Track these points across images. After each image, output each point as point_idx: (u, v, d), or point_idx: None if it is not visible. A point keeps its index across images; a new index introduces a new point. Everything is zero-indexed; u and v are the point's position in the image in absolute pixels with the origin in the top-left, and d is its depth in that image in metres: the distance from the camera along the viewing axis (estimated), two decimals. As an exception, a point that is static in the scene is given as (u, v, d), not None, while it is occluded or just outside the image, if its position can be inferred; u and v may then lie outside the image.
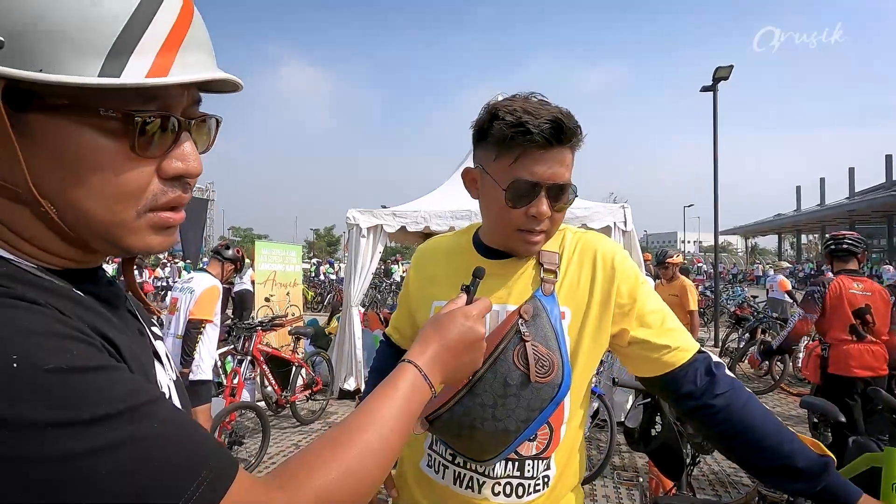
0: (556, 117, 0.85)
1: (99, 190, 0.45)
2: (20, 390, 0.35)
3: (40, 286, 0.44)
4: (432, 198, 6.24)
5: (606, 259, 0.97)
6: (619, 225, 5.26)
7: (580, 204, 5.54)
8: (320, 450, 0.52)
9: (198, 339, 3.32)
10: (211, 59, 0.50)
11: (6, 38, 0.38)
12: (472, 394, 0.89)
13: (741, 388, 0.92)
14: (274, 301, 6.10)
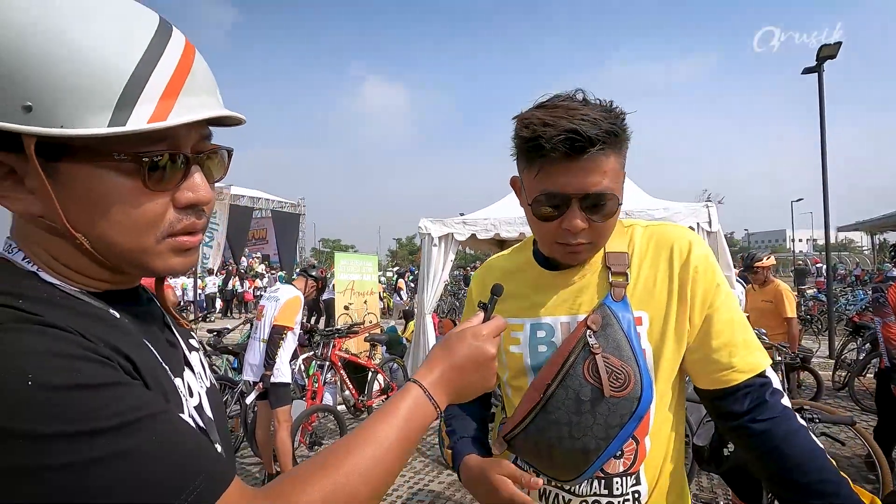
0: (572, 127, 0.78)
1: (121, 222, 0.51)
2: (30, 405, 0.40)
3: (73, 309, 0.50)
4: (502, 204, 6.22)
5: (683, 252, 0.90)
6: (704, 225, 4.90)
7: (658, 205, 5.24)
8: (312, 468, 0.54)
9: (279, 345, 3.60)
10: (212, 98, 0.55)
11: (33, 103, 0.45)
12: (546, 412, 0.87)
13: (789, 419, 0.83)
14: (352, 309, 6.42)
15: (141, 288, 0.65)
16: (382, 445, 0.58)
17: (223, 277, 18.41)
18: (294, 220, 27.80)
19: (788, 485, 0.79)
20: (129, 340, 0.52)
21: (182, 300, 15.58)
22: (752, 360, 0.86)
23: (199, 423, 0.59)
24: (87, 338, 0.46)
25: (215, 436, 0.63)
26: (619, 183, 0.86)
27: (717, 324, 0.88)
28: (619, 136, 0.82)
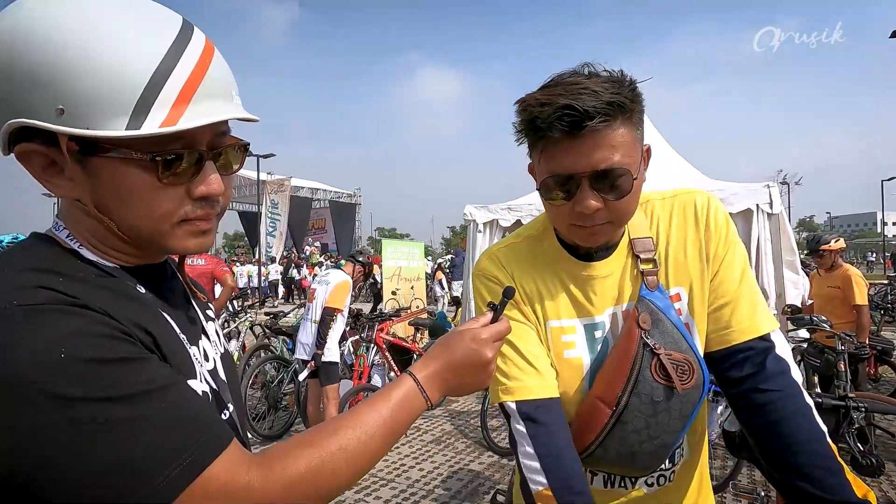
0: (567, 103, 0.72)
1: (138, 210, 0.57)
2: (66, 373, 0.47)
3: (105, 288, 0.57)
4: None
5: (702, 213, 0.89)
6: (764, 207, 4.62)
7: (713, 186, 4.98)
8: (300, 443, 0.59)
9: (330, 325, 3.81)
10: (226, 100, 0.59)
11: (65, 106, 0.51)
12: (622, 423, 0.84)
13: (793, 396, 0.79)
14: (399, 294, 6.60)
15: (167, 263, 0.72)
16: (368, 431, 0.61)
17: (285, 265, 19.34)
18: (351, 210, 28.62)
19: (780, 464, 0.77)
20: (150, 316, 0.60)
21: (248, 286, 16.57)
22: (755, 322, 0.84)
23: (213, 385, 0.66)
24: (114, 317, 0.53)
25: (227, 396, 0.70)
26: (633, 156, 0.78)
27: (724, 281, 0.86)
28: (625, 107, 0.75)
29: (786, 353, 0.83)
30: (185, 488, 0.49)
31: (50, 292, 0.50)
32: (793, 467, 0.75)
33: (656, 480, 0.95)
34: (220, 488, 0.52)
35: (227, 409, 0.69)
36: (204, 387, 0.63)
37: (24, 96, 0.51)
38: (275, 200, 21.27)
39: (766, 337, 0.83)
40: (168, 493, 0.49)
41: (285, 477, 0.55)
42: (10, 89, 0.51)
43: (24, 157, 0.55)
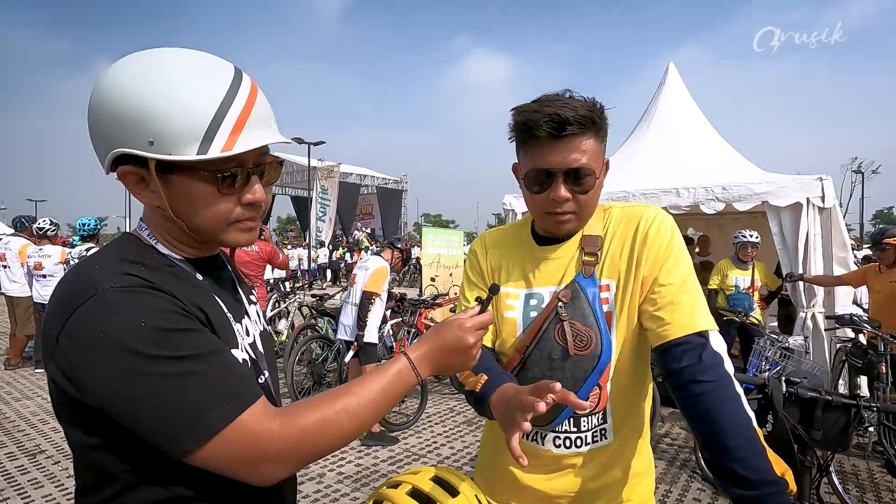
0: (553, 111, 0.94)
1: (203, 214, 0.75)
2: (144, 337, 0.64)
3: (174, 275, 0.75)
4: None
5: (642, 228, 1.03)
6: (815, 201, 4.43)
7: (760, 178, 4.82)
8: (314, 401, 0.74)
9: (369, 308, 4.04)
10: (267, 128, 0.76)
11: (154, 139, 0.68)
12: (524, 369, 1.06)
13: (725, 386, 0.88)
14: (438, 281, 6.80)
15: (219, 256, 0.91)
16: (367, 396, 0.76)
17: (339, 248, 20.01)
18: (397, 196, 29.03)
19: (714, 447, 0.85)
20: (205, 297, 0.77)
21: (298, 269, 17.35)
22: (693, 320, 0.95)
23: (251, 355, 0.83)
24: (178, 297, 0.70)
25: (263, 364, 0.87)
26: (597, 164, 1.00)
27: (664, 285, 0.99)
28: (596, 123, 0.97)
29: (721, 348, 0.94)
30: (225, 427, 0.66)
31: (134, 278, 0.68)
32: (724, 449, 0.83)
33: (563, 442, 1.08)
34: (249, 431, 0.67)
35: (263, 375, 0.86)
36: (244, 355, 0.81)
37: (125, 133, 0.69)
38: (325, 186, 21.93)
39: (704, 334, 0.94)
40: (212, 429, 0.65)
41: (299, 426, 0.70)
42: (116, 127, 0.69)
43: (123, 176, 0.74)
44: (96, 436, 0.69)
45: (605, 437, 1.09)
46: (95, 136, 0.72)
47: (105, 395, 0.64)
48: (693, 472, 3.56)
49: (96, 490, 0.73)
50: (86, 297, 0.65)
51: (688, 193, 4.92)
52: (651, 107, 6.46)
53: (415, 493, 1.02)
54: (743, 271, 4.82)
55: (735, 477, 0.82)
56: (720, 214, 6.48)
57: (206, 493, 0.73)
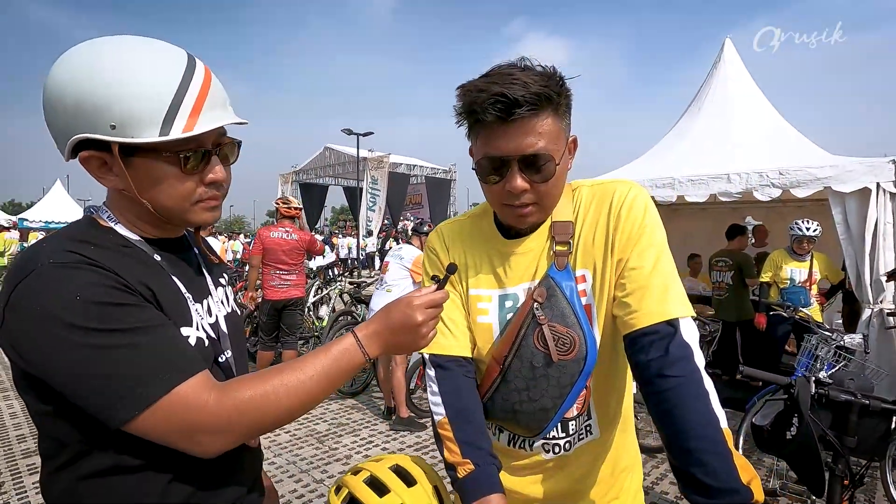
0: (500, 91, 0.80)
1: (168, 194, 0.77)
2: (79, 310, 0.66)
3: (125, 255, 0.76)
4: (633, 167, 5.83)
5: (615, 207, 0.92)
6: (887, 185, 3.99)
7: (823, 161, 4.39)
8: (255, 376, 0.75)
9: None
10: (224, 109, 0.79)
11: (115, 123, 0.70)
12: (505, 381, 0.96)
13: (693, 382, 0.79)
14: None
15: (185, 238, 0.92)
16: (307, 373, 0.76)
17: (382, 238, 20.41)
18: (446, 186, 29.07)
19: (676, 449, 0.78)
20: (156, 276, 0.79)
21: (348, 257, 17.84)
22: (662, 307, 0.85)
23: (211, 334, 0.85)
24: (120, 275, 0.71)
25: (226, 344, 0.89)
26: (558, 145, 0.86)
27: (634, 268, 0.88)
28: (552, 99, 0.83)
29: (692, 339, 0.84)
30: (160, 397, 0.68)
31: (74, 255, 0.70)
32: (686, 452, 0.75)
33: (552, 448, 1.02)
34: (185, 402, 0.69)
35: (224, 354, 0.88)
36: (200, 333, 0.82)
37: (86, 118, 0.70)
38: (374, 177, 22.33)
39: (673, 322, 0.84)
40: (146, 399, 0.67)
41: (235, 399, 0.71)
42: (76, 114, 0.71)
43: (85, 161, 0.75)
44: (48, 404, 0.72)
45: (591, 433, 1.02)
46: (54, 123, 0.74)
47: (45, 366, 0.67)
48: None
49: (54, 456, 0.76)
50: (27, 272, 0.68)
51: (739, 179, 4.57)
52: (704, 87, 6.05)
53: (371, 481, 1.02)
54: (800, 263, 4.45)
55: (695, 482, 0.74)
56: (781, 202, 6.03)
57: (155, 461, 0.75)
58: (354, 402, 4.79)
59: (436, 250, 1.09)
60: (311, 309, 6.14)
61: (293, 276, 4.67)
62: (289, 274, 4.64)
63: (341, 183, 28.96)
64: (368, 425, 4.21)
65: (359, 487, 1.00)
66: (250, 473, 0.94)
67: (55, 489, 0.76)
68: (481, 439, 0.93)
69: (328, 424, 4.22)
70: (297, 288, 4.70)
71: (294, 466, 3.47)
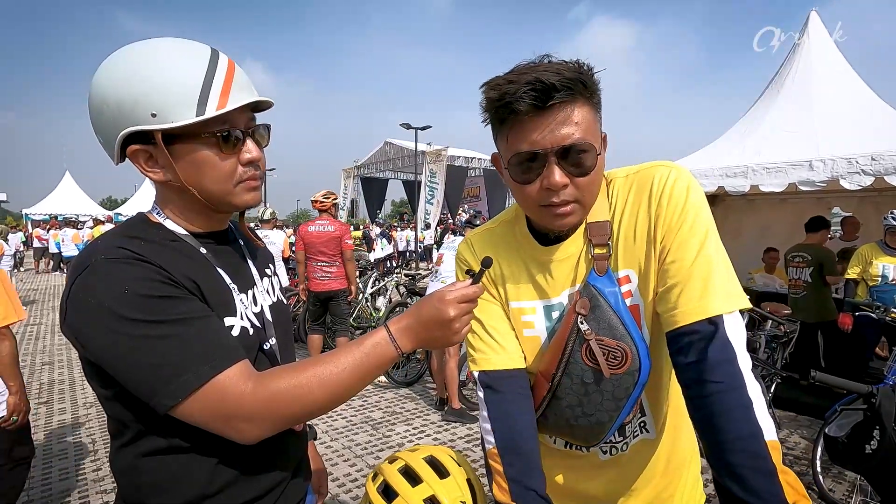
0: (534, 77, 0.75)
1: (211, 176, 0.81)
2: (128, 303, 0.70)
3: (172, 249, 0.80)
4: (701, 155, 5.48)
5: (655, 193, 0.84)
6: None
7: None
8: (291, 367, 0.77)
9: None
10: (250, 91, 0.83)
11: (156, 111, 0.75)
12: (556, 398, 0.91)
13: (735, 390, 0.72)
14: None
15: (229, 230, 0.96)
16: (340, 366, 0.78)
17: (441, 231, 20.60)
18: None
19: (714, 461, 0.72)
20: (201, 269, 0.83)
21: (406, 250, 18.17)
22: (703, 303, 0.77)
23: (256, 323, 0.88)
24: (165, 269, 0.75)
25: (271, 332, 0.93)
26: (595, 136, 0.81)
27: (676, 260, 0.81)
28: (587, 86, 0.78)
29: (736, 338, 0.76)
30: (201, 386, 0.72)
31: (124, 251, 0.75)
32: (725, 465, 0.70)
33: (609, 450, 0.98)
34: (224, 391, 0.72)
35: (269, 342, 0.92)
36: (244, 323, 0.86)
37: (129, 113, 0.76)
38: (433, 170, 22.51)
39: (714, 319, 0.76)
40: (188, 387, 0.71)
41: (270, 389, 0.74)
42: (120, 112, 0.76)
43: (133, 156, 0.80)
44: (109, 389, 0.78)
45: (647, 431, 0.98)
46: (102, 125, 0.79)
47: (99, 355, 0.72)
48: (808, 488, 3.08)
49: (118, 435, 0.83)
50: (83, 267, 0.74)
51: (823, 166, 4.18)
52: (785, 67, 5.56)
53: (406, 471, 1.03)
54: (894, 258, 4.03)
55: (733, 498, 0.68)
56: (876, 191, 5.43)
57: (203, 445, 0.80)
58: (408, 391, 4.89)
59: (468, 262, 1.02)
60: (369, 300, 6.32)
61: (333, 268, 4.80)
62: (329, 266, 4.79)
63: (400, 177, 29.46)
64: (421, 415, 4.28)
65: (393, 476, 1.01)
66: (294, 457, 0.97)
67: (121, 463, 0.83)
68: (532, 477, 0.88)
69: (382, 412, 4.33)
70: (336, 280, 4.83)
71: (349, 451, 3.60)
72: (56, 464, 3.42)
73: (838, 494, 2.97)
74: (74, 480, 3.21)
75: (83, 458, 3.52)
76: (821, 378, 1.53)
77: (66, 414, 4.31)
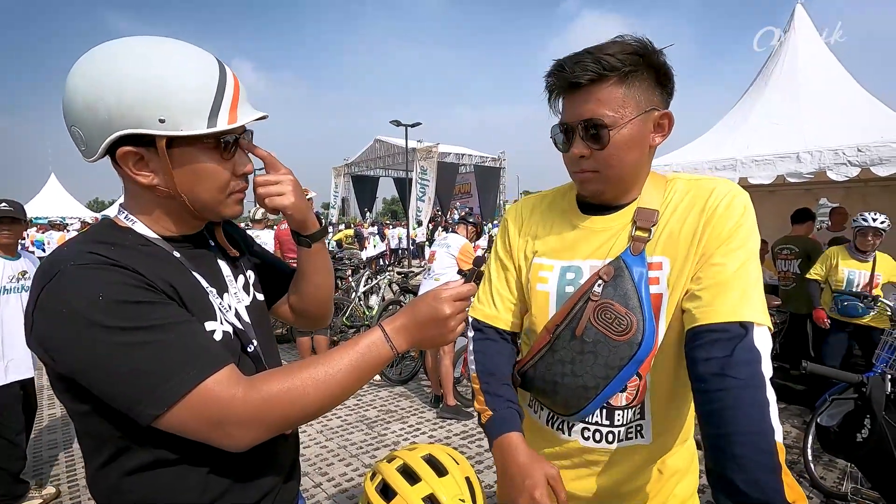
0: (563, 61, 0.88)
1: (207, 185, 0.80)
2: (103, 310, 0.66)
3: (145, 253, 0.77)
4: (690, 149, 5.52)
5: (711, 203, 0.89)
6: None
7: (910, 136, 3.95)
8: (283, 370, 0.75)
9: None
10: (252, 106, 0.83)
11: (165, 117, 0.72)
12: (552, 350, 0.95)
13: (755, 388, 0.73)
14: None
15: (204, 233, 0.92)
16: (335, 366, 0.76)
17: (432, 228, 20.58)
18: (495, 174, 28.80)
19: (718, 453, 0.73)
20: (177, 272, 0.80)
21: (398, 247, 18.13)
22: (739, 307, 0.80)
23: (238, 326, 0.86)
24: (141, 273, 0.72)
25: (252, 334, 0.89)
26: (621, 113, 0.85)
27: (719, 264, 0.84)
28: (618, 68, 0.84)
29: (764, 348, 0.78)
30: (188, 392, 0.68)
31: (95, 256, 0.71)
32: (729, 457, 0.71)
33: (592, 435, 0.98)
34: (213, 396, 0.69)
35: (252, 344, 0.88)
36: (225, 327, 0.84)
37: (131, 114, 0.72)
38: (423, 167, 22.45)
39: (746, 325, 0.78)
40: (174, 394, 0.67)
41: (262, 393, 0.71)
42: (118, 111, 0.72)
43: (123, 157, 0.75)
44: (85, 403, 0.73)
45: (642, 436, 0.97)
46: (90, 121, 0.73)
47: (74, 366, 0.68)
48: (800, 476, 3.13)
49: (96, 454, 0.78)
50: (52, 274, 0.69)
51: (811, 158, 4.22)
52: (771, 60, 5.61)
53: (404, 469, 1.03)
54: (861, 263, 3.78)
55: (733, 489, 0.69)
56: (862, 181, 5.51)
57: (193, 455, 0.77)
58: (403, 389, 4.89)
59: (507, 224, 1.13)
60: (362, 298, 6.30)
61: None
62: None
63: (391, 174, 29.38)
64: (416, 413, 4.28)
65: (391, 475, 1.01)
66: (286, 462, 0.95)
67: (102, 485, 0.78)
68: (502, 389, 1.00)
69: (377, 411, 4.33)
70: None
71: (344, 451, 3.59)
72: (46, 471, 3.38)
73: (829, 482, 3.01)
74: (66, 486, 3.17)
75: (74, 463, 3.48)
76: (812, 368, 1.55)
77: (57, 419, 4.26)
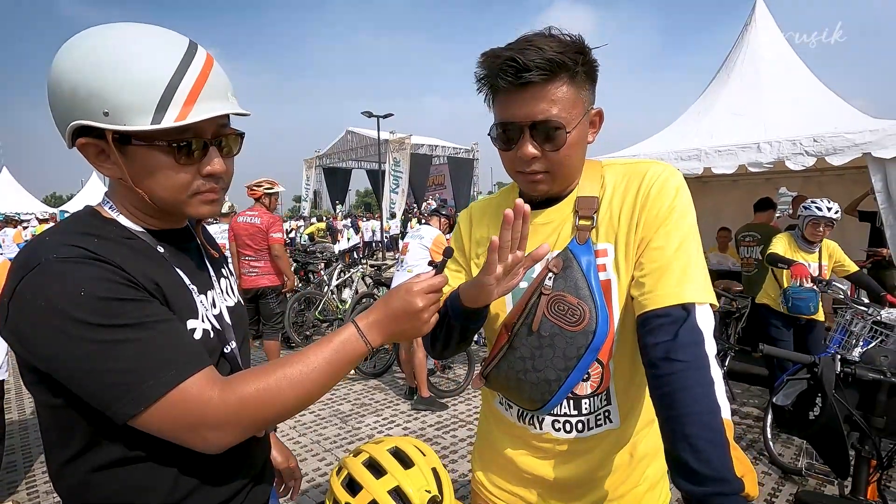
0: (511, 55, 0.81)
1: (163, 185, 0.75)
2: (84, 305, 0.64)
3: (129, 247, 0.75)
4: (656, 140, 5.63)
5: (645, 186, 0.91)
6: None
7: (862, 126, 4.13)
8: (257, 370, 0.74)
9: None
10: (223, 100, 0.76)
11: (108, 110, 0.68)
12: (512, 348, 0.96)
13: (699, 369, 0.77)
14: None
15: (189, 229, 0.91)
16: (309, 365, 0.75)
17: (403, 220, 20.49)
18: (468, 166, 28.84)
19: (672, 433, 0.75)
20: (160, 269, 0.78)
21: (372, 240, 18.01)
22: (678, 290, 0.82)
23: (216, 326, 0.84)
24: (124, 269, 0.70)
25: (231, 335, 0.88)
26: (572, 114, 0.86)
27: (657, 248, 0.86)
28: (568, 66, 0.82)
29: (706, 326, 0.81)
30: (165, 393, 0.67)
31: (78, 249, 0.69)
32: (681, 437, 0.73)
33: (563, 426, 0.99)
34: (189, 398, 0.68)
35: (230, 345, 0.87)
36: (206, 326, 0.81)
37: (81, 105, 0.69)
38: (397, 159, 22.29)
39: (687, 306, 0.81)
40: (151, 395, 0.66)
41: (238, 393, 0.71)
42: (72, 101, 0.70)
43: (83, 148, 0.74)
44: (57, 397, 0.71)
45: (610, 421, 0.99)
46: (55, 110, 0.73)
47: (50, 361, 0.67)
48: (760, 453, 3.27)
49: (63, 448, 0.76)
50: (31, 266, 0.67)
51: (770, 148, 4.35)
52: (733, 53, 5.75)
53: (370, 463, 1.02)
54: (808, 255, 3.60)
55: (686, 469, 0.71)
56: (819, 171, 5.73)
57: (164, 453, 0.75)
58: (377, 382, 4.87)
59: (460, 228, 1.13)
60: (335, 292, 6.23)
61: (261, 262, 4.47)
62: (256, 261, 4.47)
63: (364, 166, 29.09)
64: (391, 405, 4.28)
65: (357, 469, 1.00)
66: (258, 460, 0.94)
67: (69, 480, 0.76)
68: None
69: (351, 405, 4.31)
70: (265, 276, 4.50)
71: (318, 445, 3.56)
72: (4, 477, 3.24)
73: (787, 458, 3.15)
74: (25, 493, 3.05)
75: (32, 468, 3.35)
76: (769, 351, 1.61)
77: (15, 425, 4.08)
